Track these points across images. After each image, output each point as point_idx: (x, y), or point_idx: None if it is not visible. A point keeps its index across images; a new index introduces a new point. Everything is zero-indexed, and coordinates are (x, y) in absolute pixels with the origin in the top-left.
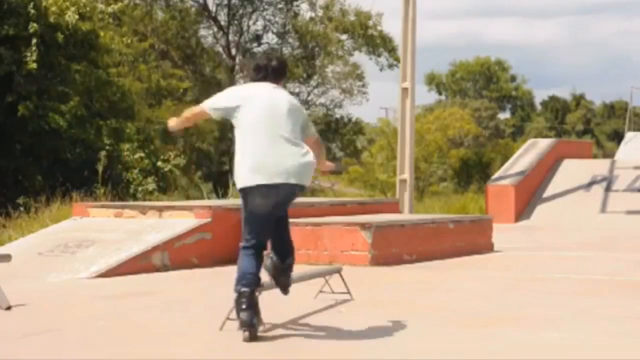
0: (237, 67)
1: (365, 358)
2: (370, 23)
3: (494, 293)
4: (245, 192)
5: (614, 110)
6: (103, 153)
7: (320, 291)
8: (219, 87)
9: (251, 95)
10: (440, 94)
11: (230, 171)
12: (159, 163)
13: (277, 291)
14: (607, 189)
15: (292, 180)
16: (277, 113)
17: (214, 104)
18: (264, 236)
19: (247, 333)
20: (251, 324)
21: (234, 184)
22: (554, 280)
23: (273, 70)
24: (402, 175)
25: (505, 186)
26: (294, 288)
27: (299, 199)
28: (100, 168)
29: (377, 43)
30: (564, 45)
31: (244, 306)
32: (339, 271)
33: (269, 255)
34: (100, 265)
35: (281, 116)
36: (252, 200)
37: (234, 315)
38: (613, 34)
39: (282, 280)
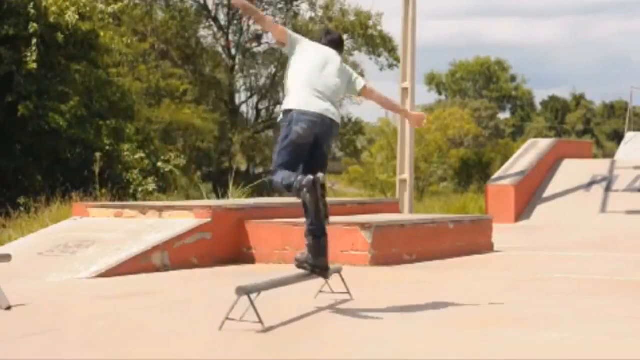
0: (237, 67)
1: (365, 358)
2: (370, 23)
3: (494, 293)
4: (291, 117)
5: (614, 110)
6: (98, 154)
7: (320, 291)
8: (219, 87)
9: (312, 46)
10: (440, 94)
11: (230, 170)
12: (159, 163)
13: (275, 292)
14: (607, 189)
15: (330, 115)
16: (325, 70)
17: (290, 31)
18: (293, 169)
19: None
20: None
21: (234, 183)
22: (554, 280)
23: (330, 41)
24: (402, 175)
25: (505, 186)
26: (293, 288)
27: (300, 200)
28: (96, 169)
29: (377, 43)
30: (564, 45)
31: (304, 182)
32: (339, 271)
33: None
34: (100, 265)
35: (327, 73)
36: (296, 127)
37: (233, 315)
38: (613, 34)
39: (320, 262)
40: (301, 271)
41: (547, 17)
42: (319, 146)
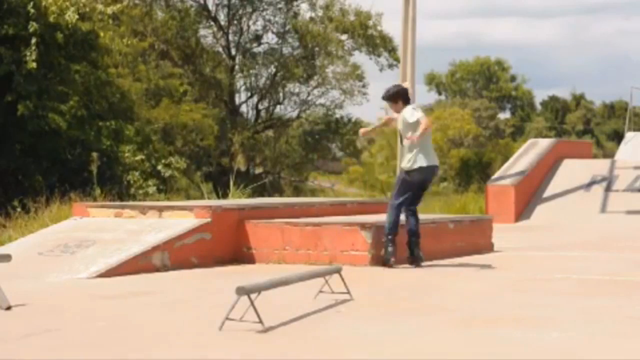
0: (237, 67)
1: (365, 358)
2: (370, 23)
3: (493, 293)
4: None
5: (614, 110)
6: (95, 154)
7: (320, 291)
8: (219, 87)
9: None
10: (440, 94)
11: (230, 170)
12: (160, 167)
13: (276, 292)
14: (607, 189)
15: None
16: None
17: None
18: (410, 202)
19: (389, 265)
20: (390, 258)
21: (235, 183)
22: (554, 280)
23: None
24: None
25: (505, 186)
26: (293, 288)
27: (300, 199)
28: (94, 169)
29: (377, 43)
30: (564, 45)
31: (389, 245)
32: (338, 271)
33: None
34: (100, 265)
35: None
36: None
37: (233, 315)
38: (613, 34)
39: (416, 252)
40: (300, 271)
41: (547, 17)
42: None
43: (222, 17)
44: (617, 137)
